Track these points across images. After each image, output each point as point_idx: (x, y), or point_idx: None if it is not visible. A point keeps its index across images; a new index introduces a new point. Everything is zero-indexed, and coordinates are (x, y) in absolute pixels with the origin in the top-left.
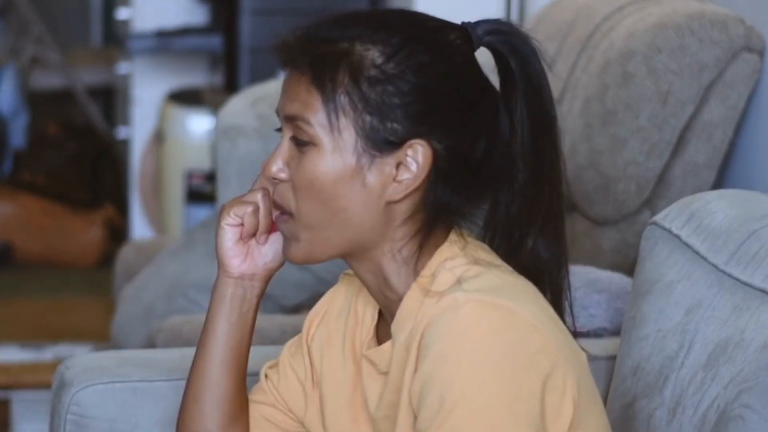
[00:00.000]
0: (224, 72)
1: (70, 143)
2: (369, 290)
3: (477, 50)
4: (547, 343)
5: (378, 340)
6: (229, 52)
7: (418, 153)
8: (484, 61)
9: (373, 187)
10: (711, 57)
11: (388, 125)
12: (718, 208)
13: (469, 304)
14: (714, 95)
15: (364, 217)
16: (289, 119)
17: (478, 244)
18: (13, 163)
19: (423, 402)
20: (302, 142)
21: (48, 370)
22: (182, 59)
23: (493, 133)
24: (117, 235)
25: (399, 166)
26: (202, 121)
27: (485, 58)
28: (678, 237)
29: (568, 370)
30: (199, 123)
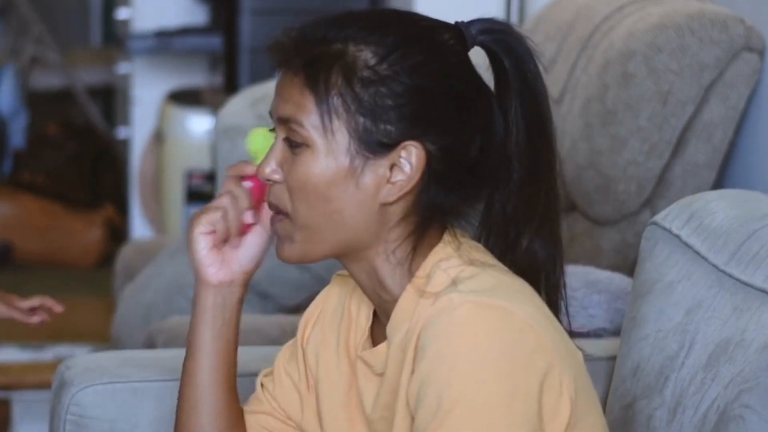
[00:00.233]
0: (224, 72)
1: (70, 143)
2: (364, 291)
3: (471, 50)
4: (543, 343)
5: (373, 341)
6: (228, 52)
7: (411, 154)
8: (479, 61)
9: (366, 188)
10: (711, 57)
11: (381, 127)
12: (719, 208)
13: (464, 305)
14: (714, 95)
15: (359, 218)
16: (282, 121)
17: (472, 244)
18: (13, 163)
19: (420, 403)
20: (295, 144)
21: (48, 370)
22: (182, 59)
23: (488, 133)
24: (117, 235)
25: (393, 168)
26: (202, 121)
27: (480, 57)
28: (678, 237)
29: (565, 369)
30: (198, 123)
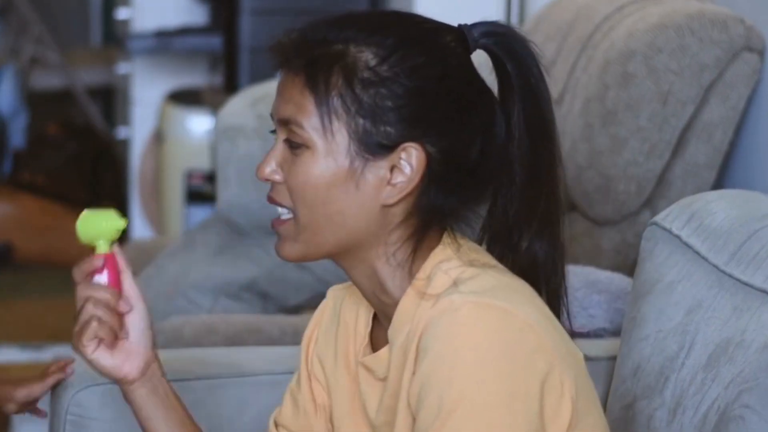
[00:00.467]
0: (224, 72)
1: (70, 143)
2: (364, 295)
3: (473, 52)
4: (543, 343)
5: (372, 346)
6: (228, 52)
7: (411, 156)
8: (482, 63)
9: (367, 190)
10: (711, 57)
11: (381, 128)
12: (719, 208)
13: (465, 306)
14: (714, 95)
15: (360, 219)
16: (282, 122)
17: (472, 245)
18: (13, 163)
19: (422, 404)
20: (296, 145)
21: None
22: (182, 59)
23: (489, 136)
24: None
25: (393, 170)
26: (202, 121)
27: (483, 59)
28: (678, 237)
29: (565, 369)
30: (198, 123)
